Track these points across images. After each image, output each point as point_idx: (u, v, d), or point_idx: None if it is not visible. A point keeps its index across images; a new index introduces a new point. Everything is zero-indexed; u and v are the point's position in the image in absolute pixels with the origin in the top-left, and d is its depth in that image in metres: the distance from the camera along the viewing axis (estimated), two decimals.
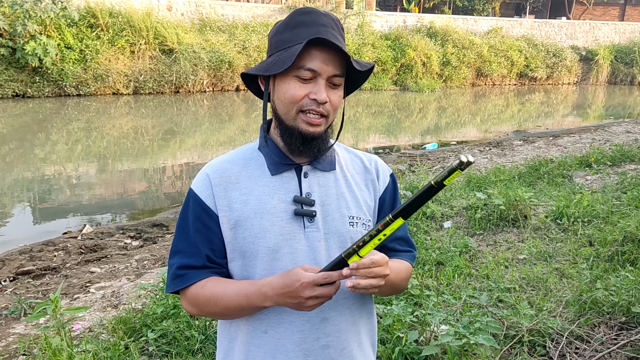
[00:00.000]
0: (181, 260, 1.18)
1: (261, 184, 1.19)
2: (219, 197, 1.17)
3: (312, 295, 1.03)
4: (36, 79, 13.92)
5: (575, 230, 4.45)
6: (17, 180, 7.91)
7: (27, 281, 4.23)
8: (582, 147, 9.62)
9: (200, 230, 1.17)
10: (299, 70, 1.12)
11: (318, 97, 1.12)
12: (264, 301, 1.09)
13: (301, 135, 1.15)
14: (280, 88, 1.15)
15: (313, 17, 1.15)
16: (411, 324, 2.77)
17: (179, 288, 1.18)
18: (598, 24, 28.79)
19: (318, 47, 1.11)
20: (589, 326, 2.89)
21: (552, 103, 20.43)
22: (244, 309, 1.13)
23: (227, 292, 1.13)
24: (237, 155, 1.25)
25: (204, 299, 1.15)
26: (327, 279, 1.03)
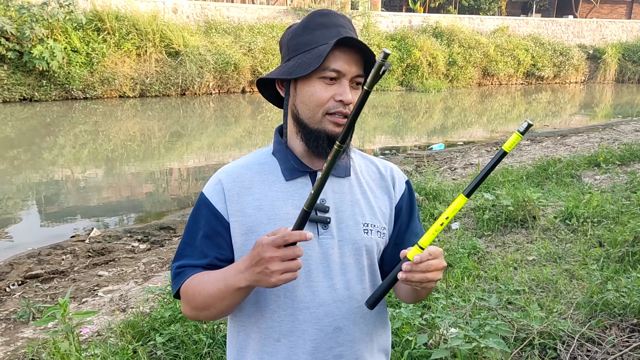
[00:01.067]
0: (181, 262, 1.17)
1: (275, 189, 1.17)
2: (231, 202, 1.16)
3: (275, 256, 0.94)
4: (43, 82, 14.00)
5: (585, 231, 4.41)
6: (25, 184, 7.95)
7: (35, 285, 4.25)
8: (591, 147, 9.55)
9: (209, 235, 1.16)
10: (324, 72, 1.10)
11: (344, 98, 1.10)
12: (239, 279, 1.02)
13: (328, 137, 1.13)
14: (303, 91, 1.13)
15: (332, 19, 1.14)
16: (420, 327, 2.75)
17: (179, 286, 1.15)
18: (605, 22, 28.60)
19: (341, 48, 1.10)
20: (600, 328, 2.86)
21: (560, 102, 20.31)
22: (223, 294, 1.06)
23: (210, 279, 1.09)
24: (251, 160, 1.23)
25: (192, 292, 1.11)
26: (286, 237, 0.94)
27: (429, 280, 1.00)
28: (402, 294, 1.23)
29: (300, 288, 1.13)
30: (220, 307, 1.10)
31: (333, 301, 1.14)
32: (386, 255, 1.26)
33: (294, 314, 1.14)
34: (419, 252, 1.00)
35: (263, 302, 1.15)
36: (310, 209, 0.97)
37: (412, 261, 0.99)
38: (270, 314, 1.15)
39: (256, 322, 1.17)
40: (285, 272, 0.96)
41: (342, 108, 1.11)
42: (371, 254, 1.21)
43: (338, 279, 1.15)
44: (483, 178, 0.98)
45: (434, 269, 1.00)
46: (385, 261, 1.26)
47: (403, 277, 1.00)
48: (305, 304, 1.13)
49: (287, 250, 0.95)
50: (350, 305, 1.16)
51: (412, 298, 1.22)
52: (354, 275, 1.17)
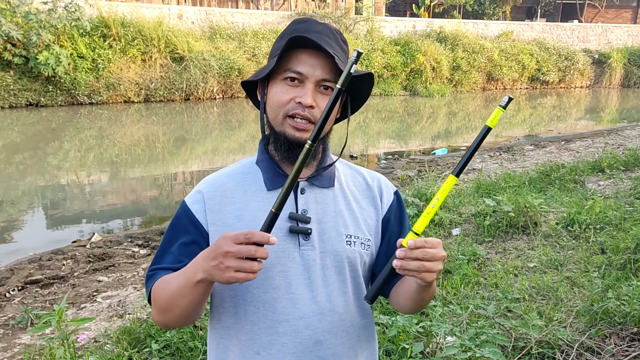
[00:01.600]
0: (155, 266, 1.14)
1: (257, 199, 1.16)
2: (212, 211, 1.15)
3: (230, 251, 0.90)
4: (49, 88, 14.09)
5: (587, 238, 4.37)
6: (30, 189, 7.99)
7: (35, 290, 4.26)
8: (595, 152, 9.49)
9: (186, 243, 1.14)
10: (286, 73, 1.10)
11: (303, 101, 1.09)
12: (196, 271, 0.98)
13: (287, 140, 1.11)
14: (270, 93, 1.14)
15: (308, 25, 1.13)
16: (416, 335, 2.73)
17: (149, 289, 1.12)
18: (610, 27, 28.51)
19: (307, 51, 1.10)
20: (599, 337, 2.83)
21: (565, 107, 20.22)
22: (182, 290, 1.01)
23: (173, 276, 1.06)
24: (234, 169, 1.23)
25: (157, 293, 1.08)
26: (247, 235, 0.91)
27: (426, 269, 0.95)
28: (402, 299, 1.18)
29: (281, 300, 1.12)
30: (182, 306, 1.04)
31: (314, 314, 1.13)
32: (378, 268, 1.24)
33: (274, 327, 1.12)
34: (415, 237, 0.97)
35: (242, 313, 1.14)
36: (279, 210, 0.94)
37: (407, 247, 0.96)
38: (249, 326, 1.14)
39: (236, 334, 1.15)
40: (239, 271, 0.91)
41: (300, 110, 1.10)
42: (354, 266, 1.19)
43: (319, 291, 1.14)
44: (470, 157, 0.99)
45: (431, 257, 0.96)
46: (377, 274, 1.23)
47: (398, 264, 0.96)
48: (285, 316, 1.12)
49: (242, 248, 0.90)
50: (331, 319, 1.14)
51: (412, 304, 1.16)
52: (335, 287, 1.16)
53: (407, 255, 0.96)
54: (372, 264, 1.25)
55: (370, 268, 1.25)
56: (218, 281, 0.95)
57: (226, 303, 1.16)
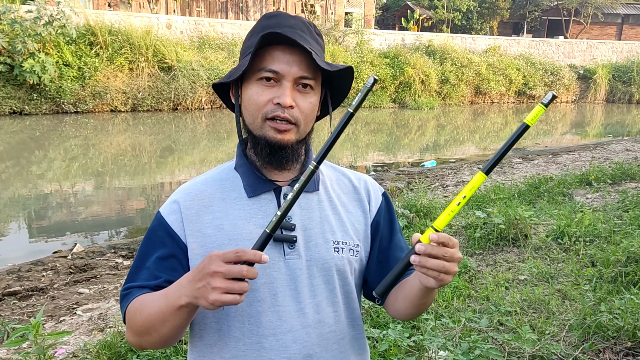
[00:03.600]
0: (130, 284, 1.05)
1: (237, 207, 1.08)
2: (190, 221, 1.06)
3: (219, 271, 0.83)
4: (34, 96, 13.91)
5: (577, 250, 4.34)
6: (12, 198, 7.81)
7: (12, 302, 4.11)
8: (582, 165, 9.55)
9: (163, 257, 1.05)
10: (260, 72, 1.03)
11: (281, 101, 1.01)
12: (179, 295, 0.90)
13: (268, 143, 1.04)
14: (245, 96, 1.06)
15: (279, 20, 1.05)
16: (408, 349, 2.65)
17: (124, 308, 1.03)
18: (595, 43, 29.01)
19: (281, 47, 1.02)
20: (593, 352, 2.77)
21: (551, 121, 20.44)
22: (164, 315, 0.93)
23: (152, 298, 0.97)
24: (211, 176, 1.14)
25: (133, 311, 1.00)
26: (239, 253, 0.84)
27: (445, 270, 0.88)
28: (401, 303, 1.10)
29: (266, 313, 1.04)
30: (161, 331, 0.96)
31: (302, 326, 1.05)
32: (370, 274, 1.17)
33: (260, 342, 1.04)
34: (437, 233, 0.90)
35: (226, 329, 1.06)
36: (273, 231, 0.88)
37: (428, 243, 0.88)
38: (234, 343, 1.05)
39: (219, 351, 1.07)
40: (227, 293, 0.83)
41: (279, 112, 1.02)
42: (343, 274, 1.11)
43: (307, 302, 1.06)
44: (503, 154, 0.91)
45: (450, 257, 0.88)
46: (371, 281, 1.17)
47: (417, 260, 0.88)
48: (271, 330, 1.04)
49: (232, 268, 0.83)
50: (320, 331, 1.07)
51: (413, 309, 1.08)
52: (324, 297, 1.08)
53: (428, 252, 0.88)
54: (362, 271, 1.17)
55: (361, 275, 1.18)
56: (203, 305, 0.87)
57: (208, 319, 1.07)
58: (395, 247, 1.19)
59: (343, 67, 1.07)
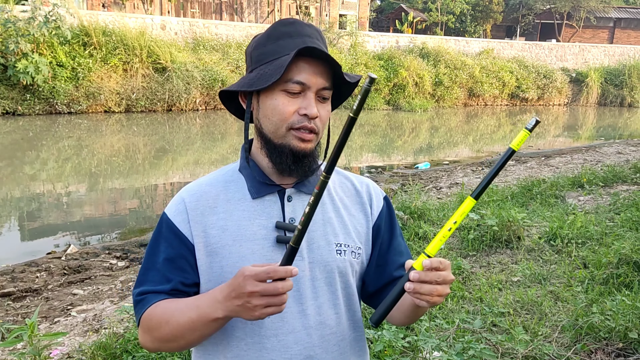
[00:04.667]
0: (142, 289, 1.07)
1: (241, 208, 1.09)
2: (195, 222, 1.08)
3: (255, 291, 0.87)
4: (27, 96, 13.83)
5: (569, 252, 4.39)
6: (5, 199, 7.77)
7: (6, 303, 4.09)
8: (574, 168, 9.63)
9: (171, 258, 1.07)
10: (287, 84, 1.03)
11: (309, 112, 1.03)
12: (215, 309, 0.94)
13: (292, 152, 1.06)
14: (266, 105, 1.06)
15: (297, 28, 1.07)
16: (402, 350, 2.67)
17: (140, 314, 1.05)
18: (587, 47, 29.23)
19: (306, 59, 1.03)
20: (585, 352, 2.81)
21: (543, 124, 20.57)
22: (194, 325, 0.97)
23: (179, 308, 1.00)
24: (216, 177, 1.15)
25: (156, 320, 1.02)
26: (270, 273, 0.87)
27: (438, 293, 0.92)
28: (395, 313, 1.12)
29: None
30: (190, 339, 1.01)
31: (303, 328, 1.07)
32: (369, 277, 1.19)
33: (262, 342, 1.06)
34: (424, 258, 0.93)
35: (230, 329, 1.07)
36: (297, 244, 0.91)
37: (421, 270, 0.91)
38: (236, 342, 1.07)
39: (222, 350, 1.09)
40: (269, 306, 0.89)
41: (307, 122, 1.04)
42: (345, 276, 1.13)
43: (309, 303, 1.08)
44: (491, 179, 0.93)
45: (443, 280, 0.92)
46: (368, 283, 1.19)
47: (411, 287, 0.91)
48: (273, 331, 1.06)
49: (268, 286, 0.88)
50: (322, 332, 1.08)
51: (406, 318, 1.12)
52: (326, 299, 1.10)
53: (422, 279, 0.92)
54: (362, 273, 1.19)
55: (361, 277, 1.19)
56: (247, 319, 0.93)
57: None
58: (395, 252, 1.20)
59: (359, 78, 1.10)
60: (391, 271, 1.17)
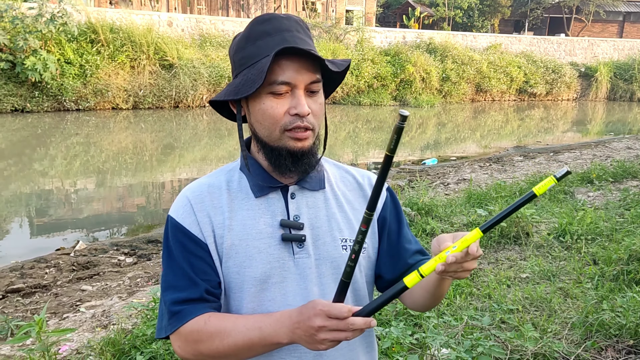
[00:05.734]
0: (175, 295, 1.03)
1: (245, 207, 1.08)
2: (203, 222, 1.06)
3: (323, 326, 0.89)
4: (35, 93, 13.91)
5: (579, 248, 4.35)
6: (14, 196, 7.83)
7: (16, 299, 4.12)
8: (583, 163, 9.55)
9: (190, 261, 1.04)
10: (272, 86, 1.01)
11: (299, 111, 1.01)
12: (280, 335, 0.95)
13: (290, 153, 1.04)
14: (255, 110, 1.04)
15: (275, 24, 1.04)
16: (410, 347, 2.66)
17: (177, 327, 1.01)
18: (597, 41, 28.95)
19: (287, 57, 1.00)
20: (595, 350, 2.78)
21: (552, 119, 20.43)
22: (253, 346, 0.97)
23: (237, 327, 0.99)
24: (217, 176, 1.14)
25: (207, 336, 0.99)
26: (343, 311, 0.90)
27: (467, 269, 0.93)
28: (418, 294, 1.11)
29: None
30: (242, 356, 1.01)
31: None
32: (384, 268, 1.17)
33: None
34: (419, 279, 0.92)
35: None
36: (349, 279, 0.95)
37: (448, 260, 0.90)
38: None
39: None
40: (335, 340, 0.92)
41: (299, 122, 1.02)
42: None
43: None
44: (504, 217, 0.90)
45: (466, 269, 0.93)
46: (384, 275, 1.17)
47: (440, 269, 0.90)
48: None
49: (339, 324, 0.90)
50: None
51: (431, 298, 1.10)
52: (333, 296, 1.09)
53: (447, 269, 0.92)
54: (371, 267, 1.18)
55: (371, 271, 1.18)
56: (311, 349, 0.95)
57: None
58: (405, 240, 1.19)
59: (347, 65, 1.08)
60: (406, 259, 1.16)
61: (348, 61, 1.08)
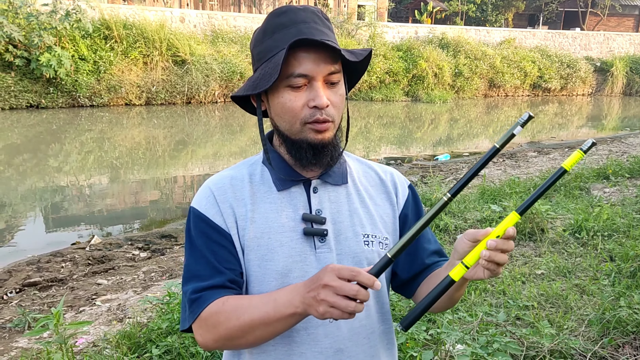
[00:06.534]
0: (198, 284, 1.01)
1: (267, 200, 1.07)
2: (226, 214, 1.05)
3: (330, 285, 0.84)
4: (50, 89, 14.05)
5: (595, 245, 4.30)
6: (30, 191, 7.92)
7: (33, 293, 4.17)
8: (599, 159, 9.43)
9: (214, 250, 1.03)
10: (290, 79, 0.99)
11: (318, 103, 0.99)
12: (293, 303, 0.90)
13: (311, 146, 1.03)
14: (275, 104, 1.04)
15: (290, 16, 1.02)
16: (425, 343, 2.65)
17: (198, 313, 0.99)
18: (612, 35, 28.55)
19: (304, 48, 0.99)
20: (612, 347, 2.75)
21: (567, 114, 20.19)
22: (269, 320, 0.93)
23: (253, 302, 0.96)
24: (239, 169, 1.13)
25: (224, 317, 0.96)
26: (353, 273, 0.84)
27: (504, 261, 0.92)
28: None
29: None
30: (261, 335, 0.96)
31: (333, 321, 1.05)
32: (400, 266, 1.16)
33: (291, 336, 1.04)
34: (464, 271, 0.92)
35: None
36: (396, 257, 0.90)
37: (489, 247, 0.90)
38: None
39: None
40: (333, 307, 0.84)
41: (318, 115, 1.01)
42: None
43: None
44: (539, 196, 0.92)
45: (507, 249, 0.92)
46: (400, 273, 1.17)
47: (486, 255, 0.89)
48: (302, 324, 1.03)
49: (345, 285, 0.84)
50: (351, 325, 1.07)
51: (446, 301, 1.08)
52: None
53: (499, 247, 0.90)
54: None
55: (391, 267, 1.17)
56: (313, 315, 0.89)
57: None
58: (424, 239, 1.18)
59: (367, 54, 1.06)
60: (423, 258, 1.15)
61: (368, 50, 1.07)
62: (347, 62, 1.04)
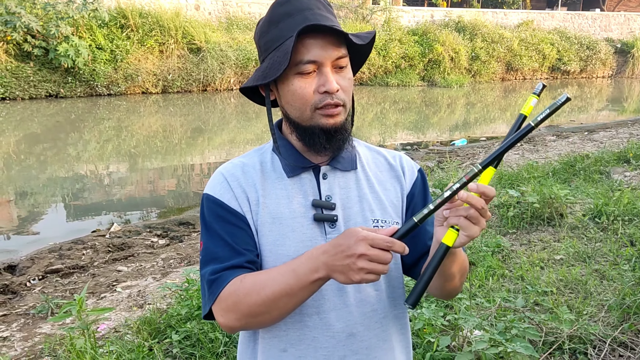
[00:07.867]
0: (216, 266, 1.02)
1: (278, 187, 1.09)
2: (241, 199, 1.07)
3: (366, 254, 0.87)
4: (68, 79, 14.20)
5: (616, 230, 4.24)
6: (50, 179, 8.06)
7: (55, 280, 4.27)
8: (620, 142, 9.26)
9: (232, 232, 1.04)
10: (299, 66, 1.01)
11: (328, 88, 1.01)
12: (316, 268, 0.92)
13: (323, 131, 1.04)
14: (284, 92, 1.05)
15: (295, 4, 1.03)
16: (442, 328, 2.65)
17: (217, 294, 0.99)
18: (633, 16, 27.82)
19: (311, 35, 1.00)
20: (633, 332, 2.72)
21: (586, 97, 19.81)
22: (292, 291, 0.94)
23: (271, 275, 0.97)
24: (250, 157, 1.15)
25: (244, 294, 0.96)
26: (389, 244, 0.88)
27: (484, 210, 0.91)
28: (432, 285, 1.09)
29: None
30: (285, 307, 0.96)
31: (344, 305, 1.06)
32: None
33: (303, 321, 1.05)
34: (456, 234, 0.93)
35: None
36: (421, 222, 0.92)
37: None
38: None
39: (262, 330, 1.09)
40: (371, 273, 0.88)
41: (329, 99, 1.02)
42: None
43: None
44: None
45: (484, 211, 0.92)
46: (405, 259, 1.17)
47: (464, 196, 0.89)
48: (314, 309, 1.05)
49: (381, 254, 0.88)
50: (363, 309, 1.07)
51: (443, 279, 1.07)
52: None
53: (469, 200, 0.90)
54: None
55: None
56: (340, 281, 0.91)
57: None
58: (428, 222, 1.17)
59: (371, 37, 1.08)
60: (426, 241, 1.14)
61: (372, 33, 1.08)
62: (352, 45, 1.05)
